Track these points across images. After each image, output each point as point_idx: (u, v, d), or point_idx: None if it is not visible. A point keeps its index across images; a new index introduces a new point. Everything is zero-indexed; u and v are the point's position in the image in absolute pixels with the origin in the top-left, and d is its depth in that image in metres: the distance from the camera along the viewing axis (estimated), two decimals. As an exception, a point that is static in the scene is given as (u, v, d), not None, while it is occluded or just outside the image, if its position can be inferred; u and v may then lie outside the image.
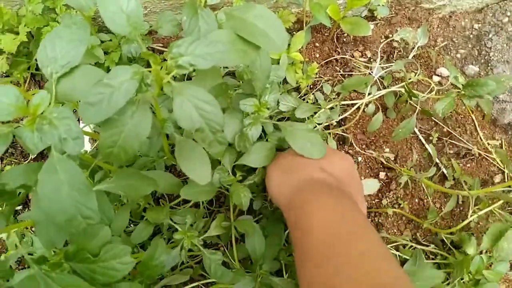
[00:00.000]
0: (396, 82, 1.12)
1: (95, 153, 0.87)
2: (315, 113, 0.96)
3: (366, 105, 1.02)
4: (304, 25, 1.08)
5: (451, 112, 1.04)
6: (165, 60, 0.55)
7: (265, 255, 0.79)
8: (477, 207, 0.87)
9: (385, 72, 1.11)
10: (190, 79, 1.01)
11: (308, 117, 0.97)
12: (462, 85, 1.02)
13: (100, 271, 0.58)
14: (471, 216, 0.86)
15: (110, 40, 1.07)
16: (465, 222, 0.87)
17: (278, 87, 0.82)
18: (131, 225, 0.96)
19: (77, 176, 0.53)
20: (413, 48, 1.13)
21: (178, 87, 0.52)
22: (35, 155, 1.10)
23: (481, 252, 0.86)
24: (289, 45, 1.08)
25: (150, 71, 0.53)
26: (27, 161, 1.10)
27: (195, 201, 0.96)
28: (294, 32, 1.08)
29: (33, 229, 1.02)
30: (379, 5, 1.13)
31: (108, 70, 1.06)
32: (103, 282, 0.58)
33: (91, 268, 0.58)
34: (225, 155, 0.79)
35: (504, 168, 1.01)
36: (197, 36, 0.61)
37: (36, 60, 1.09)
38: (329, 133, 1.02)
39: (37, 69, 1.11)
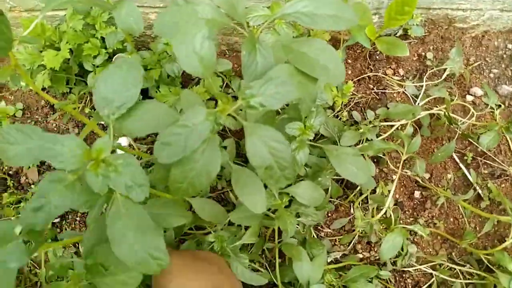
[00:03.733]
0: (430, 101, 1.13)
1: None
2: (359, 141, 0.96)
3: (403, 126, 1.03)
4: (341, 44, 1.10)
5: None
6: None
7: (311, 278, 0.80)
8: (517, 230, 0.88)
9: (419, 90, 1.12)
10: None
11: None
12: (497, 105, 1.03)
13: (110, 284, 0.59)
14: (511, 238, 0.87)
15: (150, 56, 1.09)
16: (505, 244, 0.88)
17: (323, 111, 0.83)
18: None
19: (143, 219, 0.54)
20: (445, 69, 1.13)
21: (250, 127, 0.53)
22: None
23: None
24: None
25: (218, 111, 0.55)
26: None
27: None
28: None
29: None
30: (414, 24, 1.14)
31: (146, 89, 1.07)
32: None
33: (103, 281, 0.59)
34: (271, 180, 0.80)
35: (539, 189, 1.02)
36: (254, 69, 0.62)
37: (76, 75, 1.11)
38: (366, 155, 1.04)
39: (75, 83, 1.13)
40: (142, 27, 0.83)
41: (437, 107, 1.08)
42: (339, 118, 1.11)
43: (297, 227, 0.93)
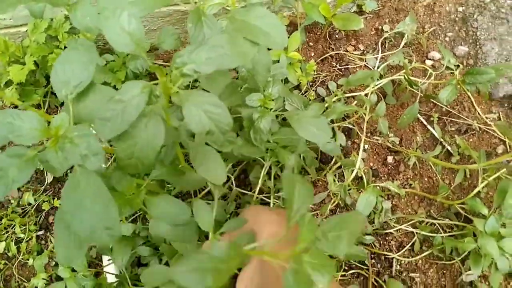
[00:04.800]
0: (391, 70, 1.17)
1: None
2: (324, 111, 0.99)
3: (367, 95, 1.06)
4: (298, 25, 1.13)
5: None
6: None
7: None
8: (486, 174, 0.91)
9: (380, 61, 1.16)
10: (196, 87, 1.05)
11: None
12: (455, 65, 1.07)
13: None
14: (481, 183, 0.90)
15: (113, 60, 1.11)
16: (476, 189, 0.90)
17: (280, 81, 0.86)
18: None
19: (100, 189, 0.55)
20: (403, 36, 1.18)
21: (184, 95, 0.54)
22: (51, 180, 1.13)
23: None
24: (285, 47, 1.13)
25: (157, 84, 0.56)
26: (43, 187, 1.12)
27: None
28: (288, 35, 1.13)
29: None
30: (366, -1, 1.19)
31: (115, 88, 1.10)
32: None
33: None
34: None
35: (505, 138, 1.05)
36: (202, 42, 0.65)
37: (45, 87, 1.13)
38: (335, 126, 1.06)
39: (46, 95, 1.14)
40: (98, 26, 0.86)
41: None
42: (307, 97, 1.14)
43: (277, 201, 0.95)
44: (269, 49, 1.13)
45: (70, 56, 0.60)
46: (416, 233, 0.99)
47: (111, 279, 0.93)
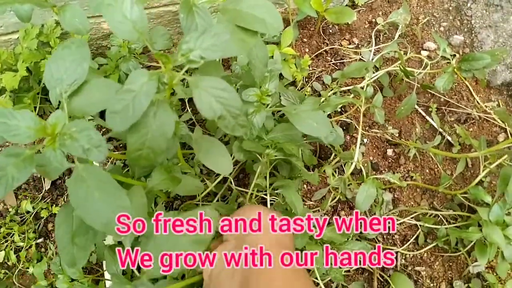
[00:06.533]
0: (387, 63, 1.16)
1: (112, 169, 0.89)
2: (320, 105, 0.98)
3: (363, 88, 1.05)
4: (291, 21, 1.12)
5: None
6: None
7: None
8: (487, 161, 0.89)
9: (375, 54, 1.14)
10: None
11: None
12: (451, 54, 1.05)
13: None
14: (483, 171, 0.88)
15: (106, 63, 1.10)
16: (479, 178, 0.88)
17: (277, 77, 0.85)
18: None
19: (105, 179, 0.54)
20: (397, 28, 1.17)
21: (194, 81, 0.54)
22: (49, 187, 1.12)
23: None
24: (278, 43, 1.12)
25: (160, 71, 0.55)
26: (41, 194, 1.11)
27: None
28: (281, 32, 1.12)
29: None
30: (358, -8, 1.18)
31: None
32: None
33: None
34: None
35: (505, 126, 1.03)
36: (195, 30, 0.64)
37: (38, 94, 1.12)
38: (333, 121, 1.05)
39: (39, 101, 1.14)
40: (88, 27, 0.84)
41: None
42: (303, 93, 1.13)
43: (276, 199, 0.93)
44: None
45: (63, 54, 0.59)
46: (420, 225, 0.97)
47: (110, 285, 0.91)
